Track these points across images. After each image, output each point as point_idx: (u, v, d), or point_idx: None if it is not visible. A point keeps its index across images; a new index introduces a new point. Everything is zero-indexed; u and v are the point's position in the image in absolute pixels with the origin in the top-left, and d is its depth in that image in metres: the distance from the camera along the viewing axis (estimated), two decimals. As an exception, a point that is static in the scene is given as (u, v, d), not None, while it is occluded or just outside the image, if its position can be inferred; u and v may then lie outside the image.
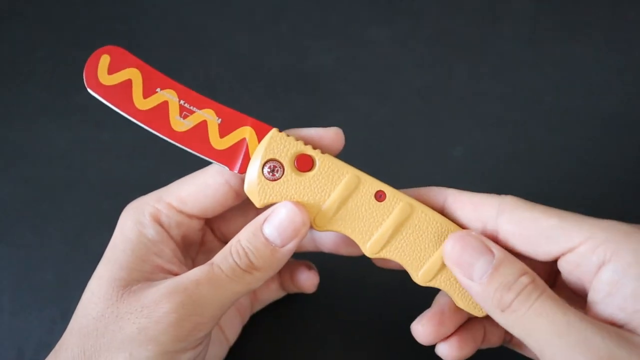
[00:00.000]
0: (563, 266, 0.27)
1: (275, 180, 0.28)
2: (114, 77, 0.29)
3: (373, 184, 0.28)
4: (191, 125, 0.29)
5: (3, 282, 0.38)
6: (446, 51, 0.48)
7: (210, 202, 0.30)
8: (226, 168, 0.29)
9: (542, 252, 0.27)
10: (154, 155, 0.42)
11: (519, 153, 0.44)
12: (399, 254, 0.28)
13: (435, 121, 0.45)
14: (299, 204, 0.28)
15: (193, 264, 0.32)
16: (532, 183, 0.42)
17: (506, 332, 0.31)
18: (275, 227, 0.27)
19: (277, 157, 0.28)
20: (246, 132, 0.29)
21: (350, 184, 0.28)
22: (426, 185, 0.31)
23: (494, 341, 0.31)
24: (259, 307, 0.37)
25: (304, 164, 0.28)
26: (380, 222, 0.28)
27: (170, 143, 0.29)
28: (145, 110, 0.29)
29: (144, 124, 0.29)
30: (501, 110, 0.45)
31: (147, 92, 0.29)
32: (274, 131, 0.29)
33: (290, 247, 0.28)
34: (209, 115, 0.29)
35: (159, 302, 0.26)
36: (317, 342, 0.37)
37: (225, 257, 0.27)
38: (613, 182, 0.42)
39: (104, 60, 0.29)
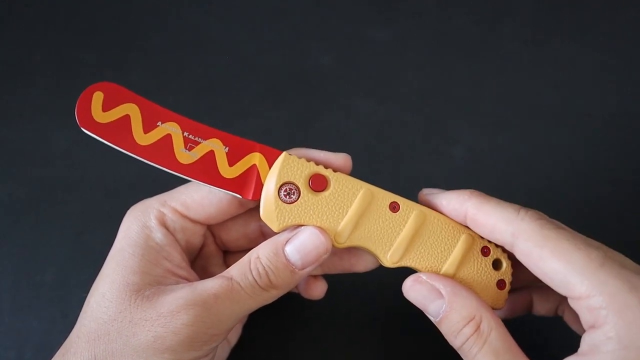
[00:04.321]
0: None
1: (292, 202, 0.28)
2: (110, 114, 0.28)
3: (386, 196, 0.29)
4: (198, 157, 0.29)
5: (3, 282, 0.38)
6: (446, 51, 0.48)
7: (215, 210, 0.30)
8: (239, 196, 0.29)
9: (548, 284, 0.27)
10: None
11: (519, 153, 0.44)
12: (417, 261, 0.29)
13: (435, 121, 0.45)
14: (322, 229, 0.28)
15: (191, 268, 0.32)
16: (531, 183, 0.42)
17: (559, 306, 0.32)
18: (297, 250, 0.28)
19: (292, 180, 0.28)
20: (255, 158, 0.29)
21: (365, 198, 0.29)
22: (426, 186, 0.31)
23: (543, 312, 0.33)
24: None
25: (319, 184, 0.29)
26: (398, 232, 0.29)
27: (177, 176, 0.28)
28: (148, 146, 0.28)
29: (148, 160, 0.28)
30: (501, 110, 0.45)
31: (148, 127, 0.28)
32: (285, 155, 0.29)
33: (309, 270, 0.28)
34: (215, 145, 0.29)
35: (177, 312, 0.26)
36: (317, 342, 0.37)
37: (244, 274, 0.27)
38: (613, 182, 0.42)
39: (97, 97, 0.28)
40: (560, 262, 0.25)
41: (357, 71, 0.47)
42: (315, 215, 0.28)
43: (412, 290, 0.29)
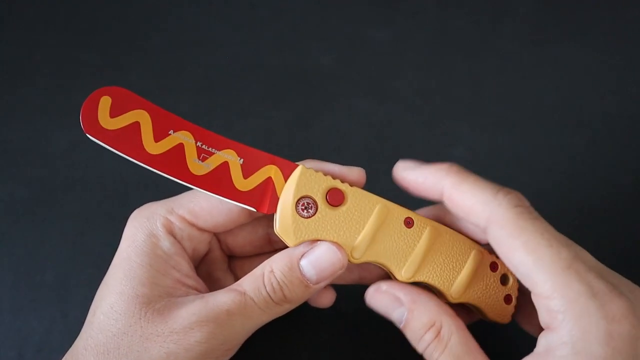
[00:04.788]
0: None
1: (309, 217, 0.28)
2: (118, 120, 0.27)
3: (401, 212, 0.29)
4: (212, 168, 0.28)
5: (3, 282, 0.38)
6: (446, 51, 0.48)
7: (224, 219, 0.29)
8: (253, 210, 0.28)
9: (512, 272, 0.27)
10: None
11: (519, 153, 0.43)
12: (430, 276, 0.29)
13: (435, 121, 0.45)
14: (338, 245, 0.28)
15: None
16: (531, 183, 0.42)
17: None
18: (313, 265, 0.27)
19: (309, 194, 0.28)
20: (271, 170, 0.28)
21: (382, 214, 0.28)
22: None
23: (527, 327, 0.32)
24: None
25: (336, 198, 0.28)
26: (412, 248, 0.29)
27: (189, 188, 0.27)
28: (159, 155, 0.27)
29: (158, 170, 0.27)
30: (501, 110, 0.45)
31: (159, 135, 0.27)
32: (302, 168, 0.28)
33: (323, 285, 0.28)
34: (229, 156, 0.28)
35: (190, 329, 0.26)
36: (318, 342, 0.37)
37: (258, 289, 0.27)
38: (613, 182, 0.42)
39: (105, 102, 0.27)
40: (530, 256, 0.25)
41: (357, 71, 0.47)
42: (332, 230, 0.28)
43: (374, 299, 0.29)
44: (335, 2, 0.50)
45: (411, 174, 0.29)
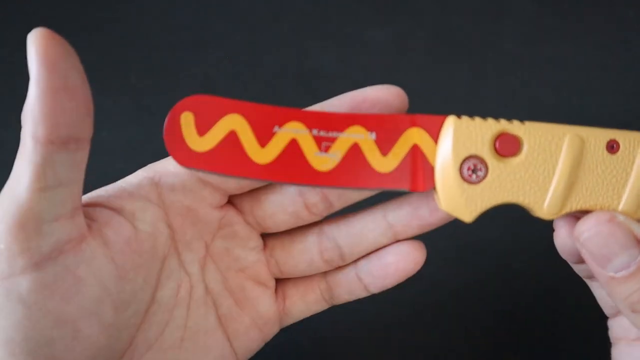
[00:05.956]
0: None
1: (481, 180, 0.22)
2: (209, 136, 0.22)
3: (600, 136, 0.23)
4: (340, 157, 0.22)
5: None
6: (446, 51, 0.48)
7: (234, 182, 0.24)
8: (407, 191, 0.22)
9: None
10: (153, 154, 0.42)
11: (519, 153, 0.43)
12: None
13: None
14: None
15: (206, 250, 0.26)
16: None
17: None
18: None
19: (473, 152, 0.22)
20: (414, 135, 0.23)
21: (575, 146, 0.22)
22: None
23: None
24: (290, 321, 0.29)
25: (509, 145, 0.22)
26: (626, 177, 0.22)
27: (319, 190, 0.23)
28: (271, 162, 0.22)
29: (276, 180, 0.22)
30: (501, 110, 0.45)
31: (263, 138, 0.22)
32: (452, 119, 0.23)
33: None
34: (357, 135, 0.22)
35: None
36: (318, 342, 0.37)
37: None
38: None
39: (187, 120, 0.22)
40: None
41: (357, 71, 0.47)
42: (515, 188, 0.22)
43: (598, 232, 0.21)
44: (335, 2, 0.50)
45: None
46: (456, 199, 0.22)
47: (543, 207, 0.22)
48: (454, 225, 0.25)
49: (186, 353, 0.25)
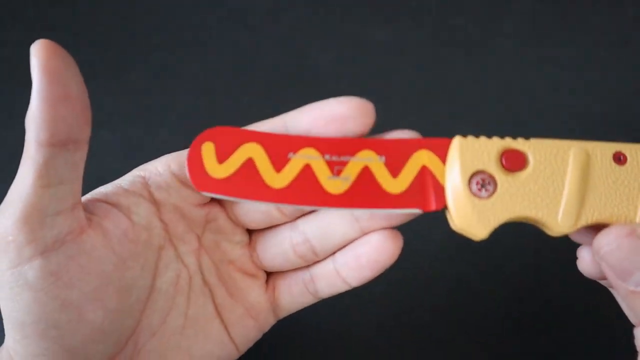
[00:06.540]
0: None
1: (491, 195, 0.22)
2: (228, 164, 0.23)
3: (605, 148, 0.23)
4: (352, 180, 0.23)
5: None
6: (446, 51, 0.48)
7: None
8: (419, 211, 0.23)
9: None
10: (153, 154, 0.42)
11: (519, 153, 0.43)
12: None
13: (435, 121, 0.45)
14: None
15: (199, 242, 0.27)
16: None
17: None
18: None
19: (481, 168, 0.23)
20: (422, 157, 0.24)
21: (580, 159, 0.23)
22: None
23: None
24: (283, 312, 0.30)
25: (514, 160, 0.23)
26: (639, 188, 0.23)
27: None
28: (286, 187, 0.23)
29: (291, 204, 0.23)
30: (501, 110, 0.45)
31: (279, 164, 0.23)
32: (458, 139, 0.24)
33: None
34: (368, 158, 0.24)
35: None
36: (318, 342, 0.37)
37: None
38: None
39: (208, 149, 0.23)
40: None
41: (357, 71, 0.47)
42: (525, 201, 0.22)
43: (620, 245, 0.21)
44: (335, 2, 0.50)
45: None
46: (468, 216, 0.22)
47: (557, 219, 0.22)
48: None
49: (187, 340, 0.27)
